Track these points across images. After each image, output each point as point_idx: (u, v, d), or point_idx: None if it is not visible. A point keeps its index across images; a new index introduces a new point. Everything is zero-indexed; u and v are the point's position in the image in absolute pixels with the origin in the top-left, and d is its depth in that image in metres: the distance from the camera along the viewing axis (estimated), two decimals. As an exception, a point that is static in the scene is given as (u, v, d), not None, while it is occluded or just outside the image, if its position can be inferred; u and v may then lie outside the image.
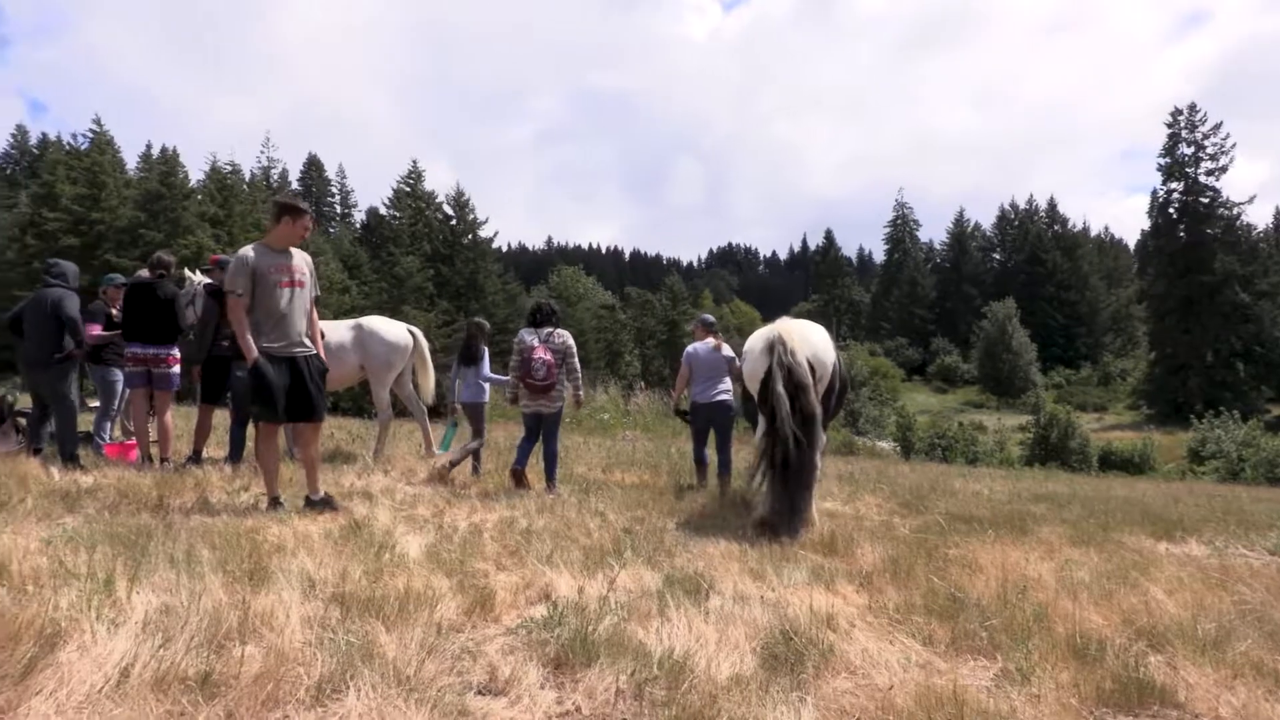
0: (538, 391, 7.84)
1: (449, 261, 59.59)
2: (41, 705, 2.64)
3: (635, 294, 77.02)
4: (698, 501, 7.36)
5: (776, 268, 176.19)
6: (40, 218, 50.28)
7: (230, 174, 57.16)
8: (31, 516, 5.30)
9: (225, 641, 3.19)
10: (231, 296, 5.89)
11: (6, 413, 9.37)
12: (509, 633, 3.59)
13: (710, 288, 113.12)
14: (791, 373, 6.37)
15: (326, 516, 5.77)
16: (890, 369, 68.51)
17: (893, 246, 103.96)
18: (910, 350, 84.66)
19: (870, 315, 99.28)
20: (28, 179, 63.54)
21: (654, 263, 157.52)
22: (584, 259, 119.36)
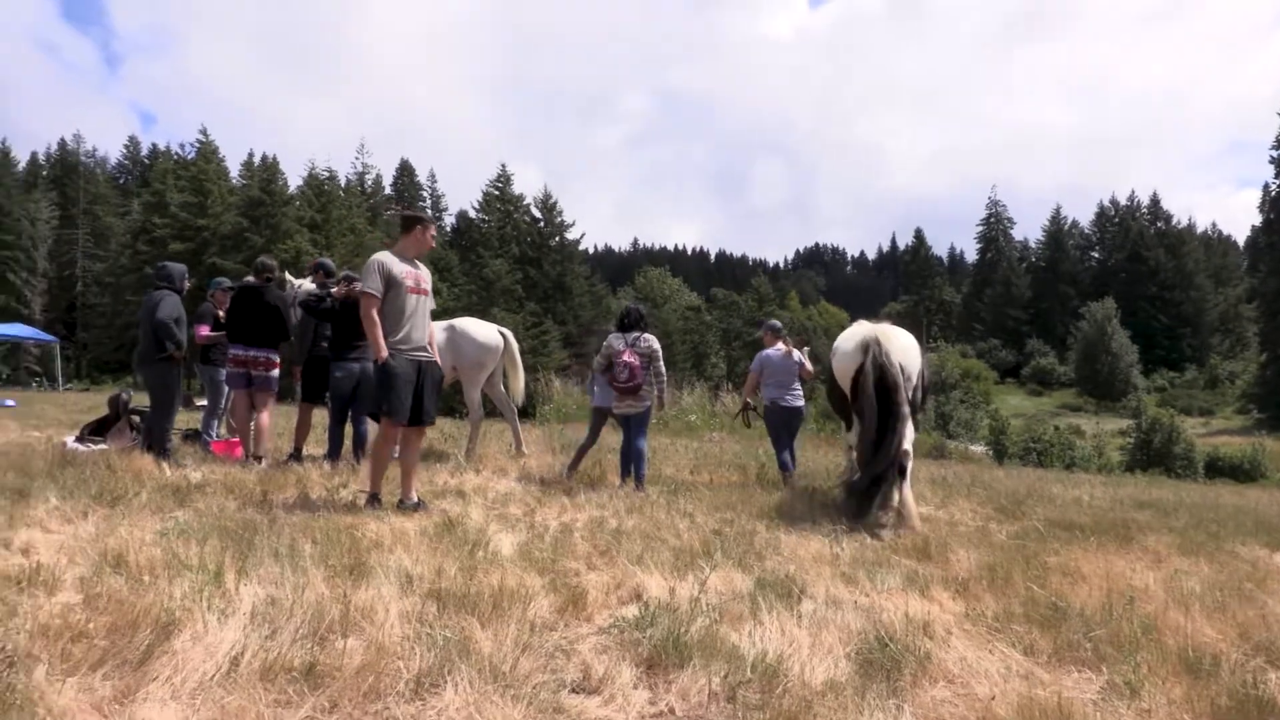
0: (623, 394, 8.11)
1: (537, 264, 60.31)
2: (159, 691, 2.76)
3: (721, 295, 76.80)
4: (787, 503, 7.28)
5: (864, 268, 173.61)
6: (151, 224, 52.73)
7: (327, 180, 58.86)
8: (146, 510, 5.55)
9: (328, 634, 3.28)
10: (365, 295, 6.04)
11: (122, 410, 9.82)
12: (601, 632, 3.61)
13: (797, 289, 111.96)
14: (885, 373, 6.70)
15: (422, 514, 5.90)
16: (983, 371, 66.88)
17: (985, 245, 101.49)
18: (1004, 352, 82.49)
19: (962, 316, 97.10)
20: (139, 188, 66.49)
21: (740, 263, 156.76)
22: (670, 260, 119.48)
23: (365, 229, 57.81)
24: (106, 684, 2.78)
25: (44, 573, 3.75)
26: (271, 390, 8.70)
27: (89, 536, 4.66)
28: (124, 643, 3.03)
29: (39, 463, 7.24)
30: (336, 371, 8.37)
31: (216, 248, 48.73)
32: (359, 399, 8.45)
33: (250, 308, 8.52)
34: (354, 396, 8.43)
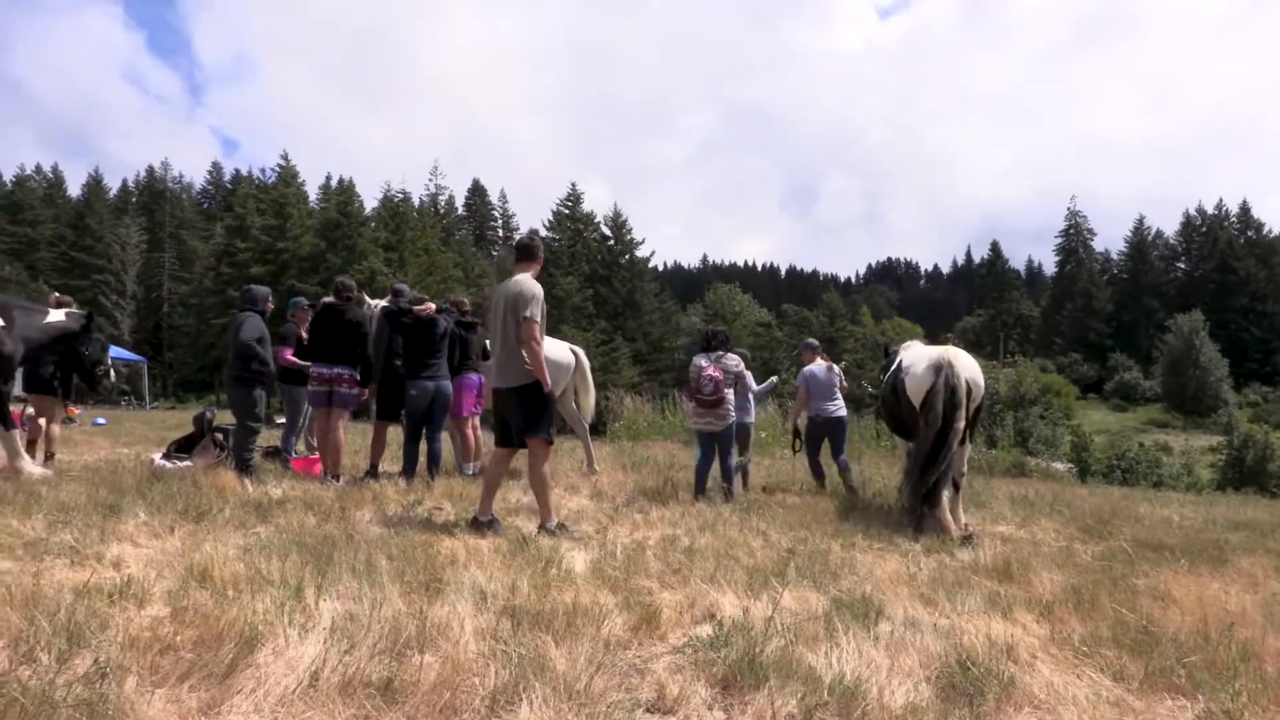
0: (706, 406, 8.49)
1: (607, 281, 60.74)
2: (242, 703, 2.81)
3: (792, 311, 76.37)
4: (862, 522, 7.16)
5: (939, 282, 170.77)
6: (233, 247, 54.51)
7: (401, 201, 60.14)
8: (230, 525, 5.70)
9: (405, 649, 3.31)
10: (531, 323, 6.09)
11: (207, 428, 10.13)
12: (675, 651, 3.58)
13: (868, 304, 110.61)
14: (954, 393, 7.29)
15: (494, 531, 5.94)
16: (1063, 386, 65.07)
17: (1064, 257, 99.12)
18: (1085, 366, 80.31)
19: (1040, 330, 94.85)
20: (223, 212, 68.81)
21: (810, 279, 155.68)
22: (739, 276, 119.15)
23: (438, 249, 58.89)
24: (193, 696, 2.84)
25: (134, 586, 3.87)
26: (349, 408, 8.86)
27: (176, 551, 4.80)
28: (209, 656, 3.10)
29: (129, 479, 7.50)
30: (411, 390, 8.51)
31: (296, 269, 50.12)
32: (433, 416, 8.58)
33: (331, 326, 8.70)
34: (428, 414, 8.56)
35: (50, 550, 4.66)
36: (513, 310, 6.09)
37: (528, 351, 6.08)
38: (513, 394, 6.19)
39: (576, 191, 67.86)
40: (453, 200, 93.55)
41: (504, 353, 6.22)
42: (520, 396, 6.17)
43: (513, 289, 6.18)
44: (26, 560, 4.44)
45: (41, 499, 6.09)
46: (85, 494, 6.47)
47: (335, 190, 67.45)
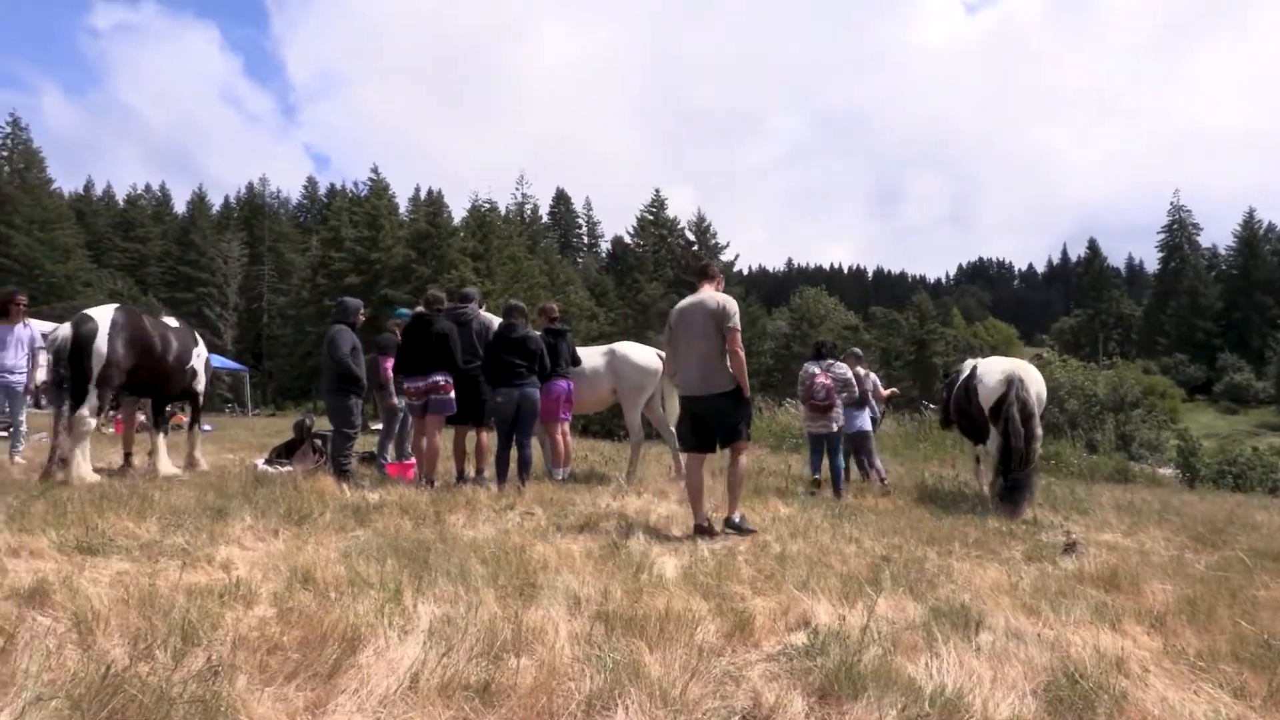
0: (818, 411, 9.66)
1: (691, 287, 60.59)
2: (346, 703, 2.88)
3: (880, 314, 75.04)
4: (959, 529, 6.99)
5: (1033, 282, 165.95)
6: (328, 259, 56.14)
7: (488, 211, 61.16)
8: (330, 528, 5.86)
9: (501, 653, 3.34)
10: (737, 333, 6.50)
11: (306, 434, 10.45)
12: (770, 659, 3.54)
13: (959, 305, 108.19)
14: (1025, 404, 8.64)
15: (586, 537, 5.98)
16: (1168, 388, 62.57)
17: (1168, 254, 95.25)
18: (1191, 367, 77.06)
19: (1143, 330, 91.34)
20: (318, 225, 70.99)
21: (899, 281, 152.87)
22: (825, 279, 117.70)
23: (524, 257, 59.68)
24: (299, 695, 2.92)
25: (242, 587, 4.00)
26: (444, 413, 9.03)
27: (280, 553, 4.95)
28: (314, 656, 3.18)
29: (234, 484, 7.78)
30: (497, 396, 8.62)
31: (387, 279, 51.37)
32: (521, 422, 8.68)
33: (421, 337, 8.88)
34: (516, 420, 8.66)
35: (164, 552, 4.85)
36: (716, 323, 6.46)
37: (734, 360, 6.45)
38: (717, 399, 6.52)
39: (660, 198, 68.03)
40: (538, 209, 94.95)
41: (703, 362, 6.53)
42: (726, 401, 6.52)
43: (711, 304, 6.54)
44: (142, 561, 4.64)
45: (154, 502, 6.35)
46: (194, 498, 6.73)
47: (424, 201, 69.05)
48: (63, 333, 8.24)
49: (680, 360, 6.78)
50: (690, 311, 6.68)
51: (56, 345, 8.20)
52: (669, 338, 6.93)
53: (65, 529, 5.20)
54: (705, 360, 6.52)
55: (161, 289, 60.95)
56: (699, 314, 6.59)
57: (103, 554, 4.76)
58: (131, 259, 67.13)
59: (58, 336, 8.26)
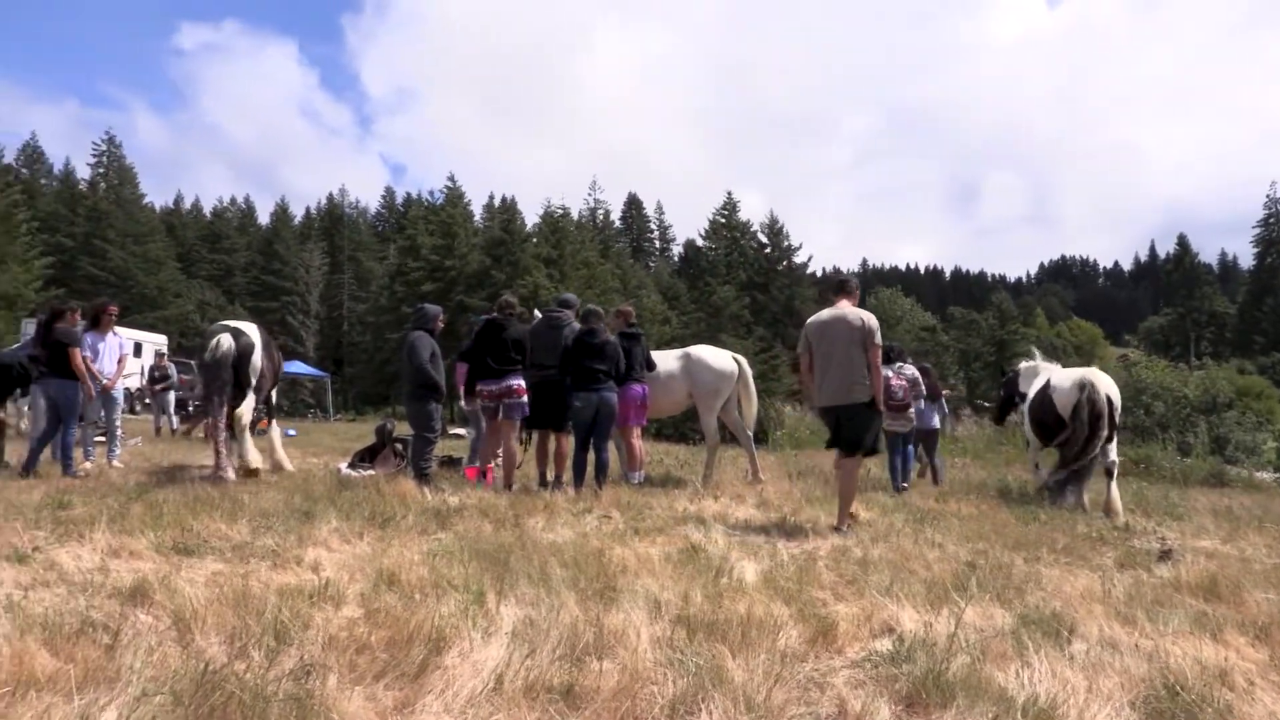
0: (897, 411, 10.32)
1: (764, 289, 60.36)
2: (433, 703, 2.92)
3: (959, 314, 73.49)
4: (1046, 535, 6.81)
5: (1119, 280, 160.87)
6: (406, 267, 57.13)
7: (561, 217, 61.61)
8: (413, 531, 5.97)
9: (583, 656, 3.36)
10: (880, 349, 6.96)
11: (387, 439, 10.66)
12: (854, 665, 3.49)
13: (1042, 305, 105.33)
14: (1094, 404, 9.25)
15: (664, 540, 5.98)
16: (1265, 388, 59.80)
17: (1264, 249, 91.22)
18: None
19: (1237, 328, 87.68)
20: (395, 234, 72.36)
21: (977, 280, 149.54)
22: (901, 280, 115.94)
23: (597, 262, 59.98)
24: (388, 694, 2.97)
25: (330, 588, 4.09)
26: (517, 417, 9.12)
27: (365, 555, 5.05)
28: (401, 656, 3.24)
29: (319, 487, 7.97)
30: (576, 401, 8.68)
31: (463, 285, 52.05)
32: (599, 426, 8.72)
33: (494, 341, 9.00)
34: (594, 424, 8.70)
35: (254, 553, 5.00)
36: (860, 338, 6.85)
37: (874, 374, 6.87)
38: (855, 409, 6.90)
39: (732, 200, 67.87)
40: (610, 214, 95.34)
41: (845, 374, 6.89)
42: (862, 411, 6.91)
43: (855, 320, 6.91)
44: (235, 562, 4.78)
45: (244, 505, 6.54)
46: (282, 501, 6.91)
47: (499, 209, 69.94)
48: (225, 344, 8.98)
49: (821, 371, 7.04)
50: (833, 326, 6.98)
51: (218, 354, 8.90)
52: (806, 349, 7.18)
53: (162, 531, 5.39)
54: (847, 372, 6.87)
55: (247, 298, 62.75)
56: (842, 328, 6.92)
57: (198, 555, 4.92)
58: (219, 269, 69.31)
59: (219, 347, 8.95)
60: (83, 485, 8.03)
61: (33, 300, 43.51)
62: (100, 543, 4.99)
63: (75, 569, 4.42)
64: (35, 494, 7.15)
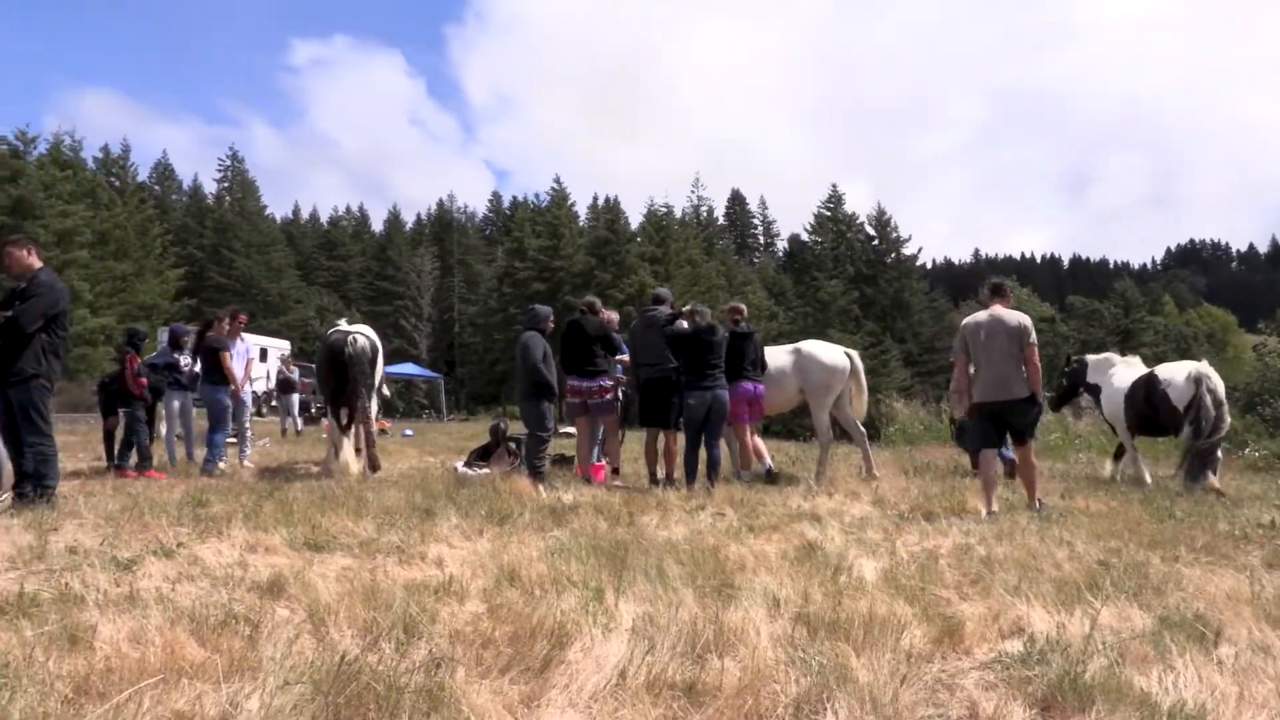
0: None
1: (872, 282, 59.23)
2: (558, 697, 2.95)
3: (1080, 303, 70.62)
4: (1183, 532, 6.47)
5: (1255, 263, 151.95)
6: (513, 269, 58.26)
7: (664, 216, 61.76)
8: (529, 528, 6.07)
9: (703, 653, 3.35)
10: (1035, 347, 7.48)
11: (501, 438, 10.88)
12: (983, 667, 3.38)
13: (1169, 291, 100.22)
14: (1215, 393, 9.79)
15: (779, 538, 5.93)
16: None
17: None
18: None
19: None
20: (502, 236, 73.80)
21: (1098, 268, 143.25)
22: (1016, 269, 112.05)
23: (701, 260, 59.92)
24: (514, 688, 3.02)
25: (454, 584, 4.19)
26: (608, 415, 9.23)
27: (486, 552, 5.16)
28: (525, 651, 3.29)
29: (437, 485, 8.19)
30: (689, 398, 8.70)
31: (570, 286, 52.68)
32: (711, 424, 8.71)
33: (577, 340, 9.14)
34: (706, 421, 8.69)
35: (380, 549, 5.16)
36: (1017, 338, 7.39)
37: (1032, 370, 7.40)
38: (1015, 404, 7.42)
39: (838, 193, 66.84)
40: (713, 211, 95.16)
41: (1004, 372, 7.42)
42: (1022, 405, 7.44)
43: (1012, 321, 7.47)
44: (363, 558, 4.95)
45: (368, 503, 6.77)
46: (404, 499, 7.12)
47: (603, 209, 70.53)
48: (363, 344, 9.72)
49: (979, 370, 7.57)
50: (990, 327, 7.51)
51: (354, 350, 9.59)
52: (963, 349, 7.73)
53: (293, 527, 5.62)
54: (1006, 370, 7.39)
55: (363, 303, 64.96)
56: (1000, 330, 7.46)
57: (327, 550, 5.11)
58: (335, 276, 71.99)
59: (356, 343, 9.66)
60: (218, 484, 8.45)
61: (168, 309, 46.05)
62: (238, 539, 5.24)
63: (216, 563, 4.65)
64: (175, 493, 7.55)
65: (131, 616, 3.50)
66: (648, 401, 9.17)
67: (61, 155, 46.65)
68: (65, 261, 37.46)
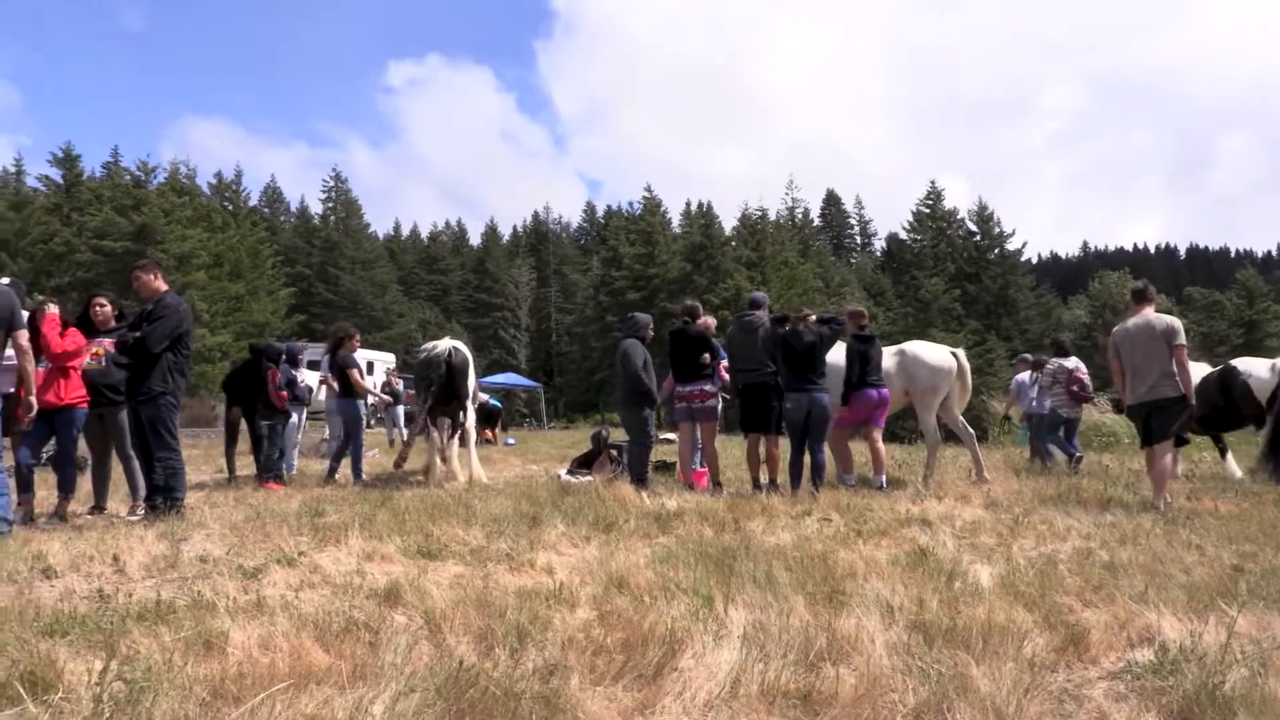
0: (1085, 402, 11.82)
1: (975, 279, 57.72)
2: (672, 705, 2.95)
3: (1198, 295, 67.35)
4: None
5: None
6: (609, 277, 58.66)
7: (759, 219, 61.38)
8: (635, 535, 6.09)
9: (817, 661, 3.31)
10: (1184, 349, 7.67)
11: (603, 445, 10.97)
12: (1111, 677, 3.25)
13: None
14: None
15: (889, 543, 5.82)
16: None
17: None
18: None
19: None
20: (597, 245, 74.46)
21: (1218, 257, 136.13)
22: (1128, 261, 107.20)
23: (798, 262, 59.34)
24: (627, 695, 3.03)
25: (564, 591, 4.24)
26: (711, 420, 9.21)
27: (594, 559, 5.20)
28: (637, 658, 3.30)
29: (543, 493, 8.28)
30: (787, 403, 8.63)
31: (665, 292, 52.77)
32: (811, 428, 8.61)
33: (682, 347, 9.13)
34: (806, 425, 8.60)
35: (490, 557, 5.25)
36: (1166, 340, 7.62)
37: (1182, 372, 7.59)
38: (1162, 404, 7.64)
39: (936, 189, 65.40)
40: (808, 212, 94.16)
41: (1152, 375, 7.66)
42: (1169, 406, 7.63)
43: (1160, 325, 7.72)
44: (474, 565, 5.05)
45: (476, 512, 6.89)
46: (511, 507, 7.23)
47: (696, 214, 70.52)
48: (460, 353, 10.23)
49: (1130, 373, 7.84)
50: (1139, 332, 7.80)
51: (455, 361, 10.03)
52: (1115, 354, 7.99)
53: (407, 536, 5.77)
54: (1154, 373, 7.64)
55: (462, 315, 66.37)
56: (1146, 334, 7.73)
57: (440, 558, 5.23)
58: (436, 290, 73.76)
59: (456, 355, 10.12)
60: (333, 494, 8.74)
61: (279, 327, 47.90)
62: (355, 547, 5.40)
63: (335, 571, 4.79)
64: (293, 503, 7.83)
65: (260, 623, 3.63)
66: (747, 407, 9.12)
67: (179, 183, 49.37)
68: (185, 284, 39.38)
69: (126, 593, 4.32)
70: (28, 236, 42.65)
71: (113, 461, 7.95)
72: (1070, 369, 11.47)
